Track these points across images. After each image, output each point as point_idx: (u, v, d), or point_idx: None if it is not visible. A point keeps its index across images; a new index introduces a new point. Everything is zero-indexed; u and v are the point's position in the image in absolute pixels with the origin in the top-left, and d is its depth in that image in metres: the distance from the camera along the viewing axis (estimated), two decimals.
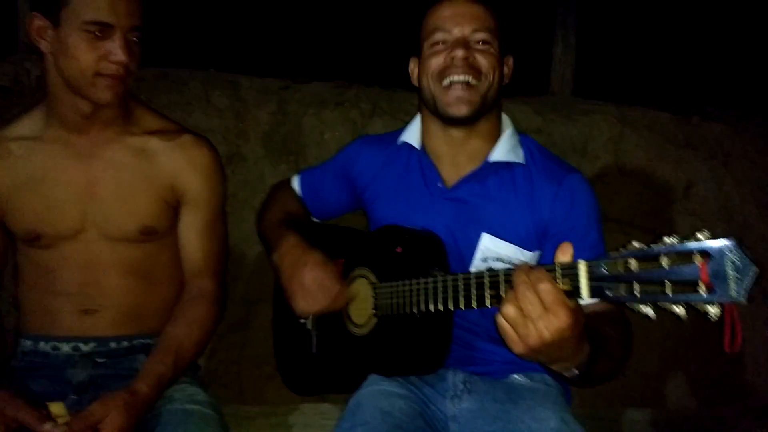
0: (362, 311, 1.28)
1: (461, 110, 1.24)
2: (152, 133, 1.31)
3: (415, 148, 1.36)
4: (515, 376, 1.30)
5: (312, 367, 1.39)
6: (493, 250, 1.26)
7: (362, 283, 1.29)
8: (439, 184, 1.31)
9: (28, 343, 1.28)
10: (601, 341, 1.03)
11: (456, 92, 1.24)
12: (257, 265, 1.82)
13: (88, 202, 1.26)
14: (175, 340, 1.24)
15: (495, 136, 1.32)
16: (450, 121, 1.28)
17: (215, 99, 1.91)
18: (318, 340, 1.37)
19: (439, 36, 1.27)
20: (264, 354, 1.78)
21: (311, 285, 1.24)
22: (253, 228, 1.82)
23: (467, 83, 1.23)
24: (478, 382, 1.30)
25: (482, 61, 1.25)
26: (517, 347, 0.90)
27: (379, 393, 1.23)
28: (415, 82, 1.36)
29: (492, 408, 1.24)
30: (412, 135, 1.38)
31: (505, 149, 1.30)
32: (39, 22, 1.16)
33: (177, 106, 1.86)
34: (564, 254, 0.91)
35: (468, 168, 1.30)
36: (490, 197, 1.28)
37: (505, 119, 1.36)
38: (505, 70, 1.33)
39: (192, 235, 1.34)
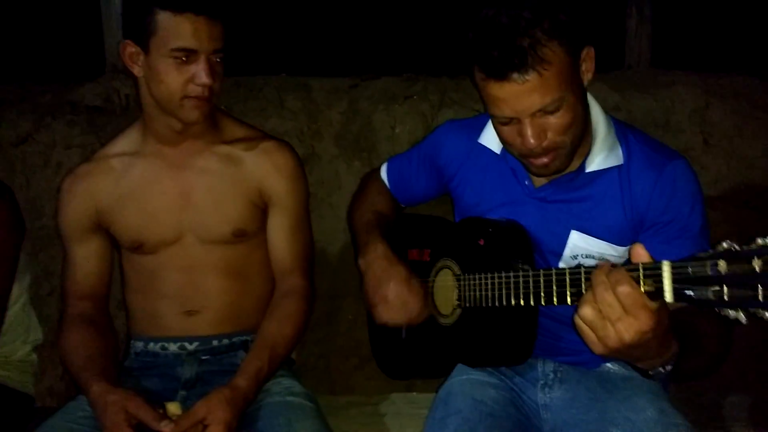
0: (447, 302, 1.31)
1: (550, 171, 1.18)
2: (238, 141, 1.40)
3: (496, 152, 1.32)
4: (608, 365, 1.28)
5: (402, 353, 1.43)
6: (582, 247, 1.23)
7: (447, 274, 1.33)
8: (527, 182, 1.27)
9: (139, 344, 1.40)
10: (693, 337, 0.99)
11: (537, 164, 1.16)
12: (339, 261, 1.88)
13: (184, 210, 1.35)
14: (270, 337, 1.31)
15: (587, 140, 1.22)
16: None
17: (289, 102, 1.98)
18: (407, 327, 1.41)
19: (502, 119, 1.14)
20: (350, 346, 1.85)
21: (394, 301, 1.27)
22: (334, 225, 1.89)
23: (547, 160, 1.15)
24: (569, 371, 1.29)
25: (558, 132, 1.12)
26: (597, 348, 0.88)
27: (470, 382, 1.25)
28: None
29: (585, 397, 1.23)
30: (492, 137, 1.30)
31: (600, 158, 1.21)
32: (131, 48, 1.26)
33: (253, 112, 1.94)
34: (640, 256, 0.87)
35: (559, 171, 1.23)
36: (582, 197, 1.24)
37: (597, 115, 1.23)
38: (585, 67, 1.15)
39: (280, 235, 1.41)
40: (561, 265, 1.26)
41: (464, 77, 2.01)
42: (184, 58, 1.21)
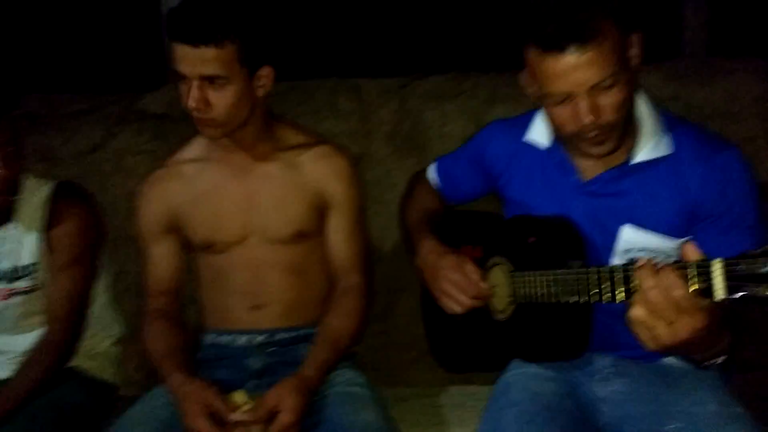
0: (501, 297, 1.32)
1: (602, 152, 1.16)
2: (296, 146, 1.46)
3: (544, 146, 1.31)
4: (669, 359, 1.25)
5: (459, 347, 1.45)
6: (635, 242, 1.21)
7: (499, 271, 1.34)
8: (574, 178, 1.27)
9: (210, 337, 1.48)
10: (747, 326, 0.99)
11: (591, 142, 1.14)
12: (393, 257, 1.93)
13: (249, 212, 1.42)
14: (333, 331, 1.37)
15: (634, 130, 1.21)
16: None
17: (341, 104, 2.04)
18: (463, 322, 1.43)
19: (556, 97, 1.12)
20: (407, 340, 1.90)
21: (450, 289, 1.30)
22: (387, 222, 1.93)
23: (601, 138, 1.14)
24: (627, 364, 1.28)
25: (611, 109, 1.10)
26: (650, 345, 0.90)
27: (527, 375, 1.25)
28: (534, 101, 1.22)
29: (644, 391, 1.22)
30: (540, 132, 1.31)
31: (648, 148, 1.20)
32: None
33: (308, 115, 2.01)
34: (692, 253, 0.87)
35: (607, 164, 1.23)
36: (632, 190, 1.22)
37: (643, 105, 1.22)
38: (633, 53, 1.14)
39: (339, 236, 1.47)
40: (614, 259, 1.25)
41: (514, 72, 1.99)
42: (183, 81, 1.29)
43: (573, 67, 1.08)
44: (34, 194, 1.49)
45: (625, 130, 1.18)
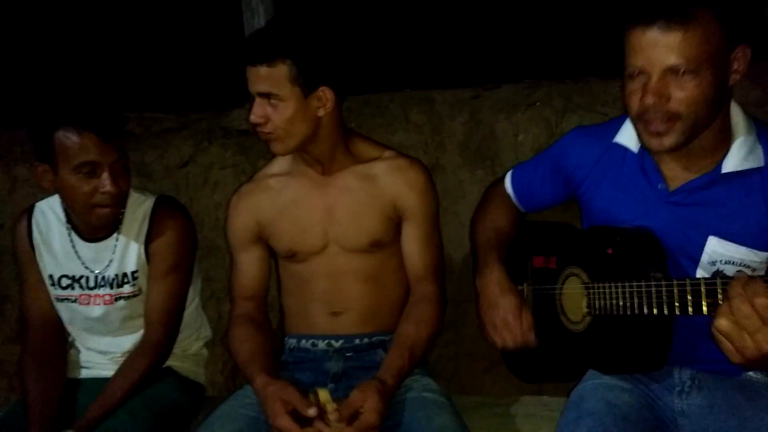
0: (577, 308, 1.32)
1: (661, 145, 1.16)
2: (372, 160, 1.54)
3: (633, 151, 1.31)
4: (750, 374, 1.23)
5: (533, 358, 1.46)
6: (722, 254, 1.20)
7: (575, 282, 1.35)
8: (661, 186, 1.26)
9: (293, 341, 1.58)
10: None
11: (655, 129, 1.15)
12: (464, 267, 1.95)
13: (328, 223, 1.52)
14: (409, 338, 1.43)
15: (726, 141, 1.20)
16: None
17: (413, 116, 2.07)
18: (537, 332, 1.44)
19: (631, 70, 1.16)
20: (478, 349, 1.90)
21: (501, 328, 1.36)
22: (458, 233, 1.95)
23: (664, 128, 1.14)
24: (707, 378, 1.26)
25: (681, 100, 1.11)
26: (735, 358, 0.90)
27: (603, 385, 1.26)
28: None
29: (725, 405, 1.20)
30: (630, 136, 1.31)
31: (739, 158, 1.18)
32: None
33: (381, 128, 2.06)
34: None
35: (695, 172, 1.22)
36: (720, 201, 1.21)
37: (737, 115, 1.21)
38: (735, 66, 1.15)
39: (414, 246, 1.53)
40: (699, 271, 1.23)
41: (588, 80, 1.99)
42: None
43: (653, 43, 1.10)
44: (138, 208, 1.64)
45: (693, 132, 1.16)
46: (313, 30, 1.43)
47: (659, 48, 1.10)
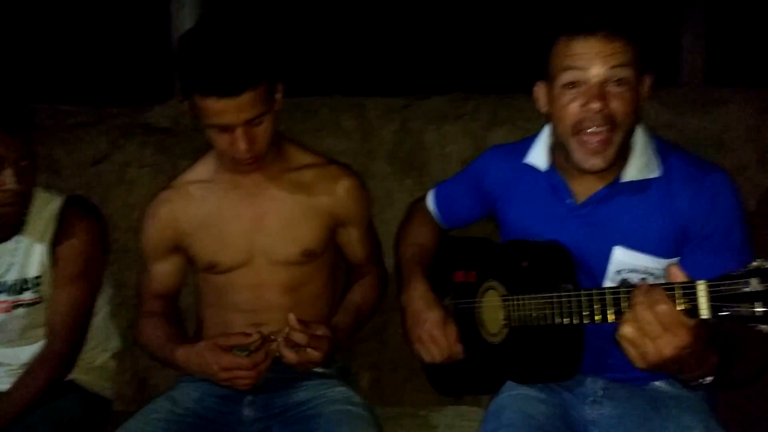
0: (495, 321, 1.35)
1: (596, 165, 1.20)
2: (305, 167, 1.50)
3: (542, 170, 1.35)
4: (657, 383, 1.30)
5: (453, 371, 1.48)
6: (626, 262, 1.25)
7: (493, 295, 1.37)
8: (569, 201, 1.31)
9: None
10: (735, 345, 1.02)
11: (591, 147, 1.18)
12: (390, 275, 1.96)
13: (256, 234, 1.46)
14: (354, 303, 1.52)
15: (627, 152, 1.26)
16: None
17: (344, 123, 2.06)
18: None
19: (572, 76, 1.18)
20: (400, 359, 1.91)
21: (427, 342, 1.36)
22: (385, 241, 1.92)
23: (603, 138, 1.17)
24: (618, 388, 1.31)
25: (619, 109, 1.15)
26: (639, 363, 0.94)
27: (520, 397, 1.29)
28: (544, 109, 1.29)
29: (633, 414, 1.25)
30: (539, 156, 1.36)
31: (637, 168, 1.25)
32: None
33: (310, 132, 2.03)
34: (677, 276, 0.92)
35: (599, 185, 1.28)
36: (623, 211, 1.26)
37: (639, 133, 1.27)
38: (643, 91, 1.23)
39: (354, 245, 1.59)
40: (606, 281, 1.28)
41: (514, 95, 2.05)
42: (221, 131, 1.32)
43: (598, 52, 1.15)
44: (45, 207, 1.52)
45: (623, 147, 1.22)
46: (268, 31, 1.36)
47: (602, 56, 1.15)
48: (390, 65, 2.67)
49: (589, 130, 1.18)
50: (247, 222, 1.45)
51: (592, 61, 1.15)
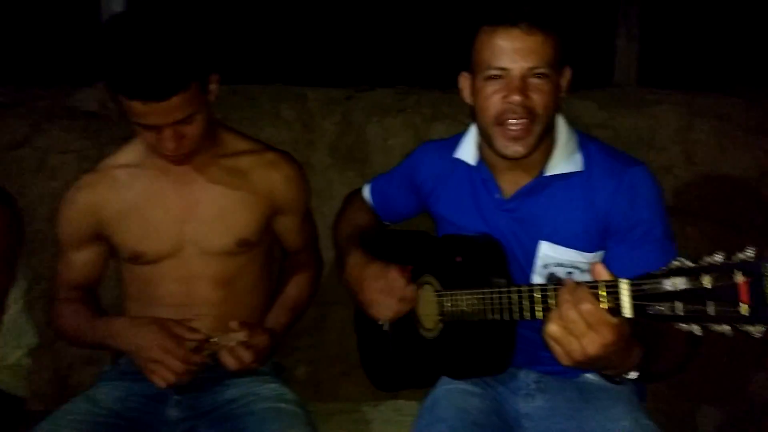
0: (430, 316, 1.35)
1: (517, 152, 1.21)
2: (241, 153, 1.44)
3: (471, 165, 1.37)
4: (588, 375, 1.32)
5: (390, 366, 1.48)
6: (552, 257, 1.28)
7: (428, 290, 1.37)
8: (497, 196, 1.33)
9: None
10: (658, 341, 1.05)
11: (512, 134, 1.20)
12: (329, 268, 1.92)
13: (187, 223, 1.39)
14: (290, 299, 1.49)
15: (551, 147, 1.29)
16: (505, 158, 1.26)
17: (284, 112, 2.01)
18: (393, 340, 1.45)
19: (494, 71, 1.19)
20: (338, 353, 1.89)
21: (377, 297, 1.34)
22: (325, 233, 1.92)
23: (523, 127, 1.19)
24: (550, 381, 1.33)
25: (539, 101, 1.18)
26: (564, 361, 0.95)
27: (454, 391, 1.29)
28: (468, 100, 1.31)
29: (565, 407, 1.27)
30: (468, 151, 1.38)
31: (559, 161, 1.27)
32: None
33: (248, 121, 1.97)
34: (601, 274, 0.93)
35: (525, 179, 1.30)
36: (547, 206, 1.29)
37: (561, 125, 1.31)
38: (562, 83, 1.26)
39: (292, 232, 1.55)
40: (534, 275, 1.31)
41: (456, 91, 2.05)
42: (146, 129, 1.27)
43: (519, 44, 1.16)
44: None
45: (543, 140, 1.24)
46: (200, 21, 1.28)
47: (523, 50, 1.17)
48: (332, 55, 2.63)
49: (510, 122, 1.20)
50: (176, 209, 1.38)
51: (513, 55, 1.17)
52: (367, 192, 1.63)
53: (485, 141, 1.28)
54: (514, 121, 1.19)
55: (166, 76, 1.15)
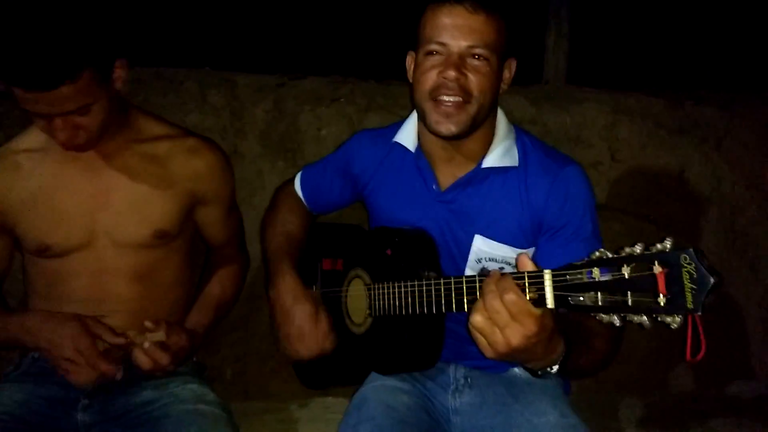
0: (359, 311, 1.32)
1: (449, 129, 1.20)
2: (159, 138, 1.35)
3: (410, 151, 1.35)
4: (515, 370, 1.33)
5: (318, 363, 1.43)
6: (485, 251, 1.28)
7: (359, 283, 1.34)
8: (434, 187, 1.31)
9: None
10: (582, 335, 1.07)
11: (445, 109, 1.19)
12: (257, 262, 1.86)
13: (99, 212, 1.29)
14: (214, 298, 1.42)
15: (490, 140, 1.29)
16: (438, 136, 1.25)
17: (211, 98, 1.93)
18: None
19: (434, 46, 1.19)
20: (267, 350, 1.83)
21: (295, 339, 1.31)
22: (255, 226, 1.84)
23: (457, 104, 1.18)
24: (478, 376, 1.34)
25: (475, 82, 1.17)
26: (488, 352, 0.95)
27: (383, 388, 1.27)
28: (410, 77, 1.29)
29: (493, 402, 1.28)
30: (407, 136, 1.35)
31: (497, 154, 1.27)
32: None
33: (173, 107, 1.88)
34: (525, 265, 0.94)
35: (462, 171, 1.29)
36: (483, 200, 1.28)
37: (501, 119, 1.31)
38: (506, 74, 1.26)
39: (215, 225, 1.47)
40: (467, 269, 1.30)
41: (391, 82, 2.03)
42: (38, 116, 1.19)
43: (461, 21, 1.17)
44: None
45: (479, 128, 1.23)
46: (89, 9, 1.16)
47: (464, 27, 1.17)
48: (263, 40, 2.54)
49: (444, 97, 1.19)
50: (87, 198, 1.28)
51: (454, 31, 1.17)
52: (297, 182, 1.57)
53: (420, 118, 1.27)
54: (447, 97, 1.18)
55: (49, 64, 1.05)
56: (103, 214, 1.29)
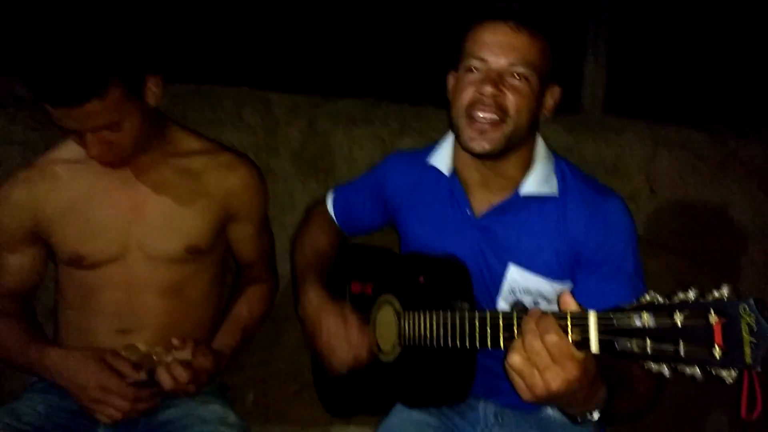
0: (388, 338, 1.29)
1: (482, 146, 1.17)
2: (195, 153, 1.36)
3: (444, 174, 1.32)
4: (549, 411, 1.29)
5: (343, 389, 1.41)
6: (520, 282, 1.23)
7: (388, 310, 1.31)
8: (468, 212, 1.28)
9: None
10: (624, 380, 1.01)
11: (479, 127, 1.17)
12: (285, 282, 1.85)
13: (133, 225, 1.30)
14: (241, 318, 1.40)
15: (528, 165, 1.25)
16: (472, 155, 1.23)
17: (247, 116, 1.94)
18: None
19: (474, 63, 1.17)
20: (290, 372, 1.81)
21: (328, 351, 1.28)
22: (284, 245, 1.84)
23: (492, 121, 1.16)
24: (509, 415, 1.29)
25: (512, 101, 1.15)
26: (525, 395, 0.90)
27: (409, 421, 1.23)
28: (450, 97, 1.27)
29: None
30: (442, 159, 1.33)
31: (536, 181, 1.23)
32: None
33: (209, 123, 1.89)
34: (568, 304, 0.89)
35: (499, 197, 1.26)
36: (519, 228, 1.24)
37: (540, 146, 1.28)
38: (548, 101, 1.23)
39: (246, 242, 1.46)
40: (500, 299, 1.26)
41: (425, 105, 2.03)
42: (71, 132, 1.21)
43: (504, 39, 1.15)
44: None
45: (516, 151, 1.20)
46: (126, 26, 1.18)
47: (506, 45, 1.15)
48: (299, 61, 2.56)
49: (479, 113, 1.17)
50: (122, 210, 1.28)
51: (495, 48, 1.16)
52: (329, 202, 1.56)
53: (456, 137, 1.24)
54: (483, 114, 1.16)
55: (76, 81, 1.05)
56: (136, 228, 1.30)
